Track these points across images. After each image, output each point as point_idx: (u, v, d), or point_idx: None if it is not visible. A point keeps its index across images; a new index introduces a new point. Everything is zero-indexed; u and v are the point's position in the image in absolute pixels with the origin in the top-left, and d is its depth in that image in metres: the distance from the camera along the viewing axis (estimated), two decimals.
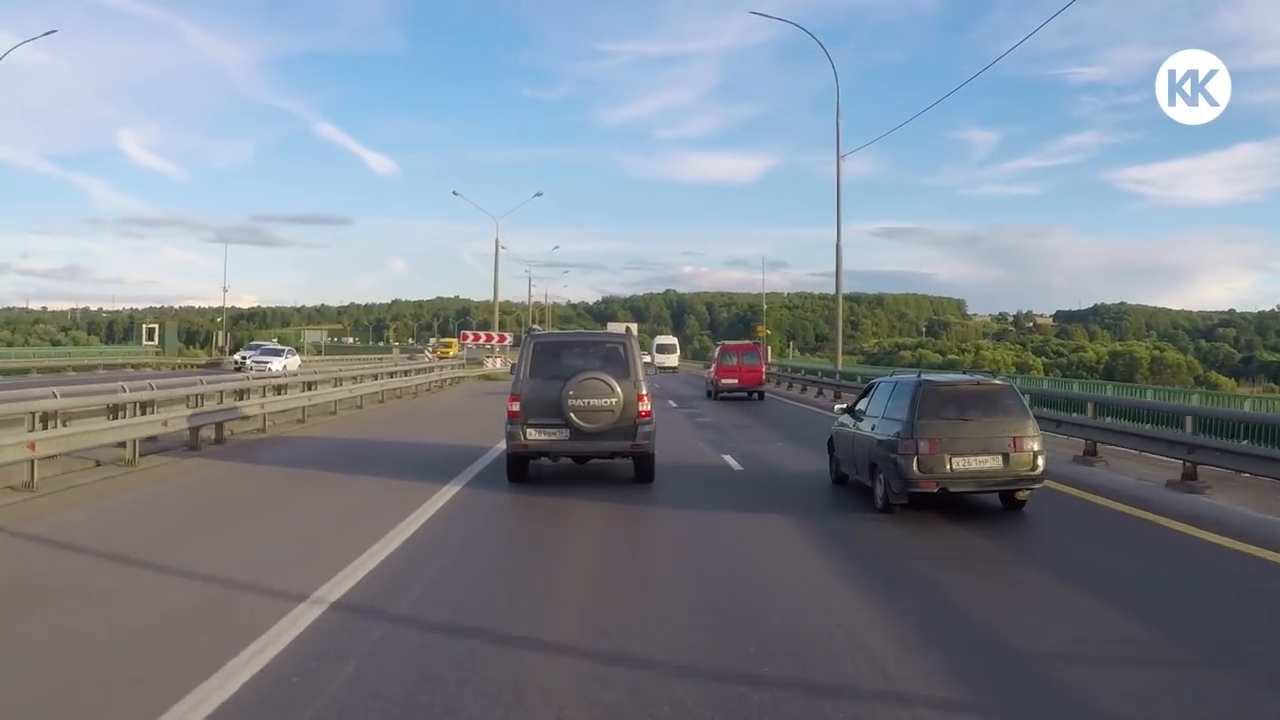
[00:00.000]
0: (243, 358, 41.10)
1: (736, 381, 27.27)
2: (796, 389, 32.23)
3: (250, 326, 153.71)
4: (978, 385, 9.17)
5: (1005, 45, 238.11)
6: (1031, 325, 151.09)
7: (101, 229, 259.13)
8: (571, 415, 9.97)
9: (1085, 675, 4.44)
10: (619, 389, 10.05)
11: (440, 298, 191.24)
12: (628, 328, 24.39)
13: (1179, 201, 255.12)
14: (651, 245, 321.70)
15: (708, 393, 28.57)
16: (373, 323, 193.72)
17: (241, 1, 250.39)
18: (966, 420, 8.62)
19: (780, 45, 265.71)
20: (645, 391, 10.35)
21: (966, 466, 8.46)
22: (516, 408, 10.19)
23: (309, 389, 18.89)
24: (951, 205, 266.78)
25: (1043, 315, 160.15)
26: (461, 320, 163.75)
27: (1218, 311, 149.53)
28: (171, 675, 4.22)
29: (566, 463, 10.94)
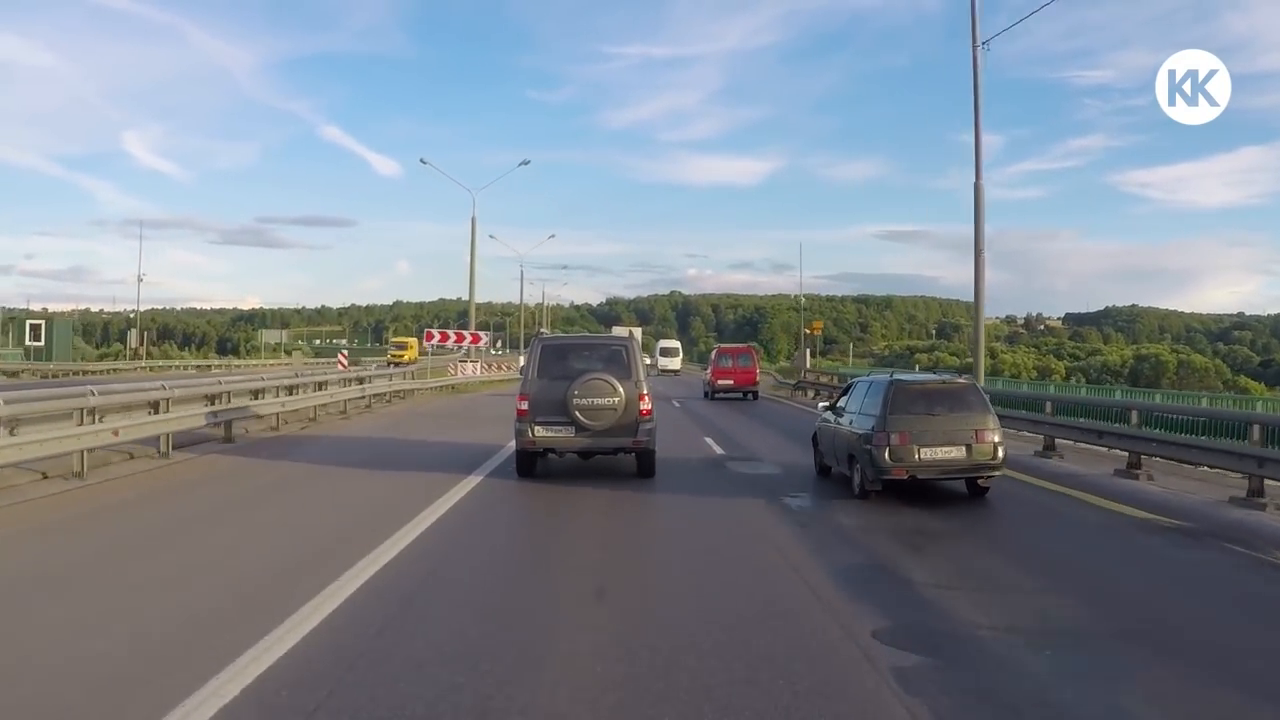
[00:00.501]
0: None
1: (732, 382, 29.31)
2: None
3: (247, 328, 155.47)
4: (944, 384, 10.39)
5: (1009, 48, 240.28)
6: (1043, 328, 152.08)
7: (106, 230, 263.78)
8: (577, 414, 10.83)
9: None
10: (621, 389, 10.90)
11: (443, 299, 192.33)
12: (631, 332, 25.64)
13: (1183, 205, 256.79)
14: (655, 248, 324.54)
15: (705, 393, 30.32)
16: (372, 324, 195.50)
17: (246, 4, 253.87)
18: (933, 415, 9.80)
19: (785, 48, 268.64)
20: (646, 391, 11.20)
21: (933, 456, 9.64)
22: (525, 406, 11.06)
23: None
24: (957, 208, 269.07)
25: (1052, 318, 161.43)
26: (461, 321, 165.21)
27: (1228, 314, 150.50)
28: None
29: (571, 458, 11.83)
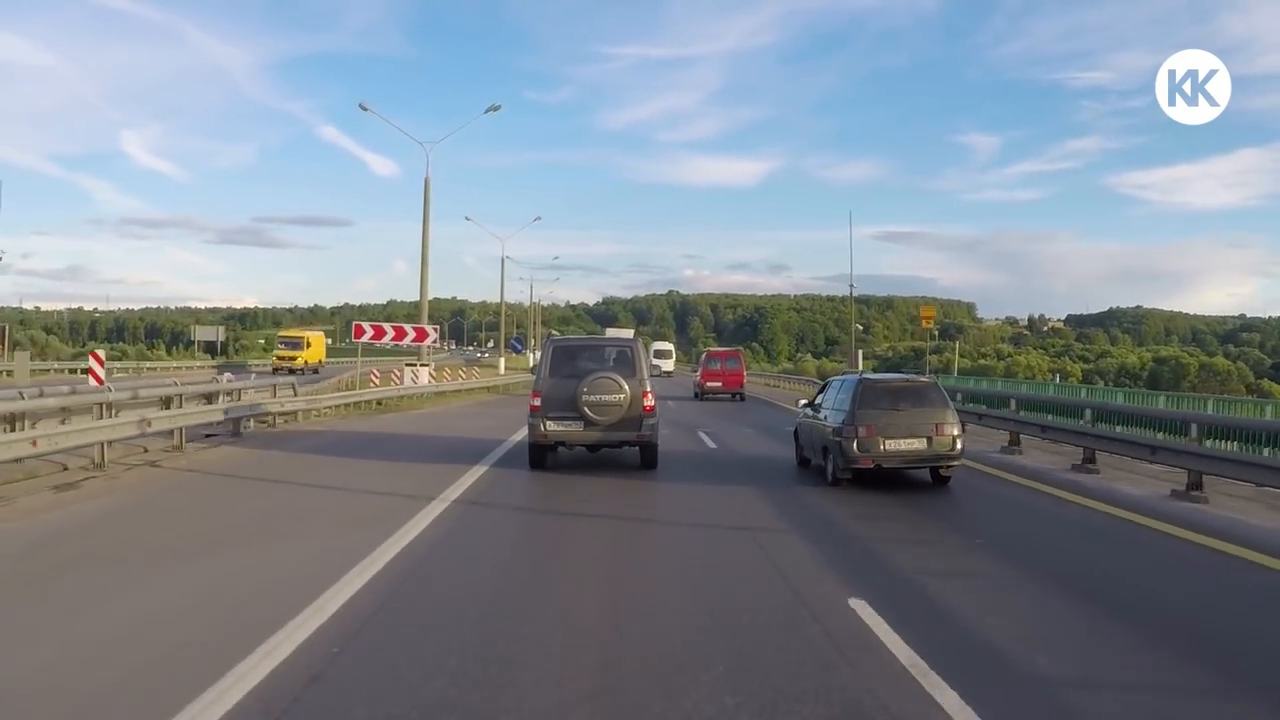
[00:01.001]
0: None
1: (720, 384, 31.75)
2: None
3: (238, 327, 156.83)
4: (908, 382, 11.90)
5: (1006, 49, 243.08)
6: (1048, 329, 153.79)
7: (103, 230, 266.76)
8: (585, 409, 11.95)
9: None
10: (627, 387, 12.01)
11: (438, 298, 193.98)
12: (635, 333, 27.29)
13: (1181, 207, 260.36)
14: (653, 248, 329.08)
15: (695, 394, 32.48)
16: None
17: (245, 4, 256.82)
18: (898, 410, 11.25)
19: (783, 49, 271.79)
20: (650, 389, 12.37)
21: (897, 447, 11.08)
22: (538, 403, 12.24)
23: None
24: (954, 210, 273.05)
25: (1054, 319, 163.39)
26: (454, 320, 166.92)
27: (1230, 316, 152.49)
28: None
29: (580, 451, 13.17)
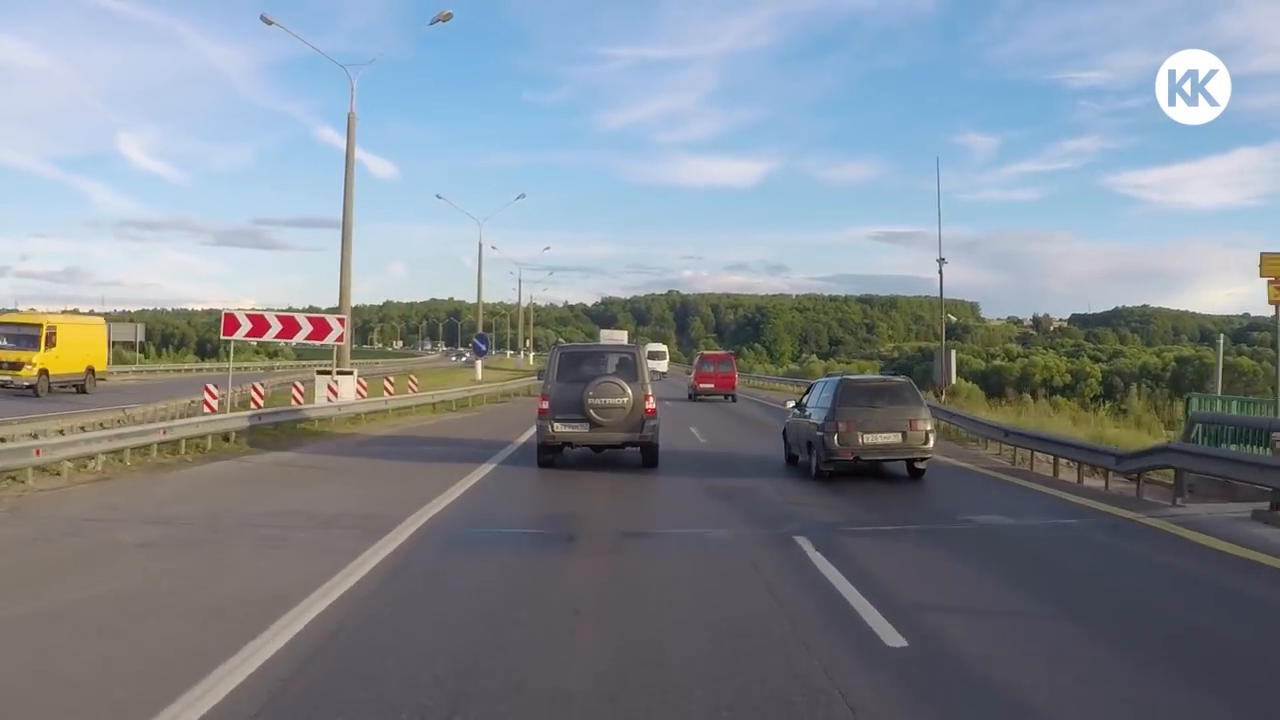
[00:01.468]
0: None
1: (713, 386, 33.74)
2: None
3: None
4: (884, 381, 13.21)
5: (1003, 50, 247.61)
6: (1055, 328, 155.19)
7: (101, 231, 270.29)
8: (591, 411, 12.94)
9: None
10: (630, 390, 13.03)
11: (434, 299, 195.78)
12: (635, 336, 28.70)
13: (1179, 206, 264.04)
14: (651, 249, 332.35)
15: (689, 395, 34.29)
16: (359, 325, 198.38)
17: (241, 5, 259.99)
18: (875, 407, 12.54)
19: (780, 49, 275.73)
20: (651, 393, 13.46)
21: (874, 441, 12.36)
22: (546, 406, 13.28)
23: None
24: (951, 210, 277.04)
25: (1059, 319, 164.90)
26: (449, 322, 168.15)
27: (1235, 315, 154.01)
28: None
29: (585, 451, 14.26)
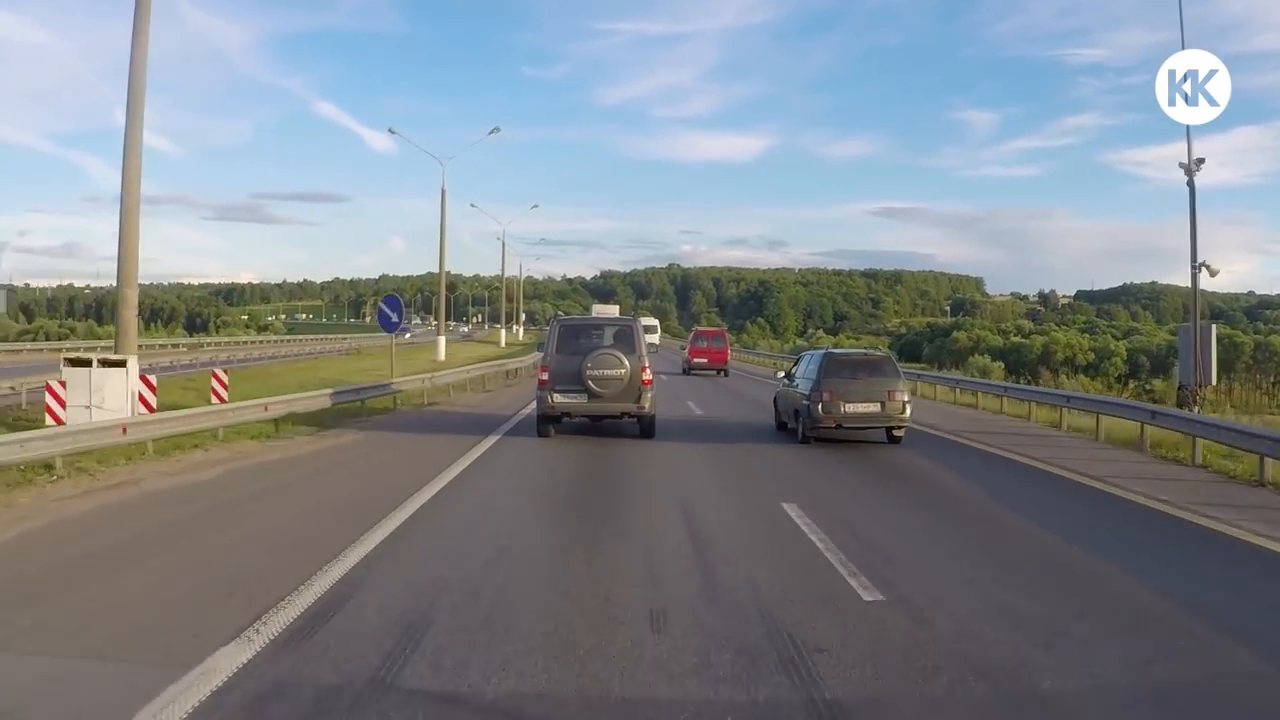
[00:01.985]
0: None
1: (706, 361, 36.20)
2: None
3: (217, 303, 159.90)
4: (866, 355, 14.80)
5: (1003, 26, 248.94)
6: (1063, 304, 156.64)
7: (99, 206, 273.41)
8: (589, 382, 13.93)
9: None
10: (627, 362, 14.02)
11: (430, 273, 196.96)
12: (634, 310, 29.87)
13: (1178, 184, 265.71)
14: (650, 225, 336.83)
15: (683, 369, 36.52)
16: (353, 299, 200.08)
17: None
18: (856, 379, 14.14)
19: (779, 25, 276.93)
20: (648, 364, 14.43)
21: (855, 410, 13.98)
22: (546, 377, 14.25)
23: None
24: (951, 186, 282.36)
25: (1065, 295, 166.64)
26: (446, 294, 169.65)
27: (1241, 294, 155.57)
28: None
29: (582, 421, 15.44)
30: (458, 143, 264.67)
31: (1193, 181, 18.10)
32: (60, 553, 6.74)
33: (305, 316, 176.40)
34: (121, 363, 13.47)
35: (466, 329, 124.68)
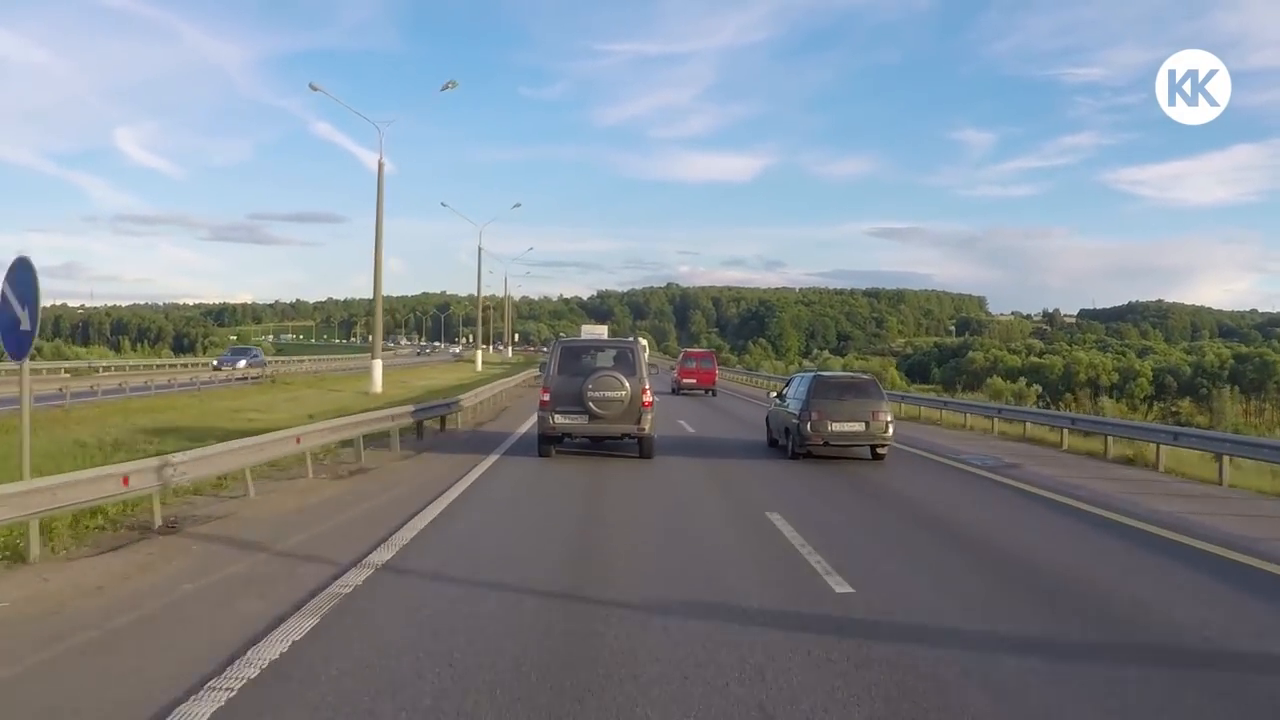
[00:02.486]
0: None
1: (695, 381, 38.86)
2: None
3: (209, 324, 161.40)
4: (852, 378, 16.18)
5: (1000, 46, 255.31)
6: (1068, 323, 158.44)
7: (98, 226, 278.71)
8: (590, 404, 14.44)
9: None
10: (628, 384, 14.48)
11: (425, 293, 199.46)
12: (633, 331, 31.02)
13: (1176, 203, 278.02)
14: (648, 245, 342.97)
15: (673, 389, 38.60)
16: (343, 319, 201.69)
17: (239, 1, 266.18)
18: (843, 400, 15.48)
19: (777, 45, 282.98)
20: (648, 386, 14.89)
21: (842, 429, 15.31)
22: (547, 398, 14.73)
23: None
24: (949, 206, 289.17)
25: (1067, 314, 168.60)
26: (436, 315, 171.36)
27: (1244, 311, 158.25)
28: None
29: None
30: (455, 161, 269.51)
31: None
32: None
33: (292, 337, 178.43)
34: None
35: (458, 349, 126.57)
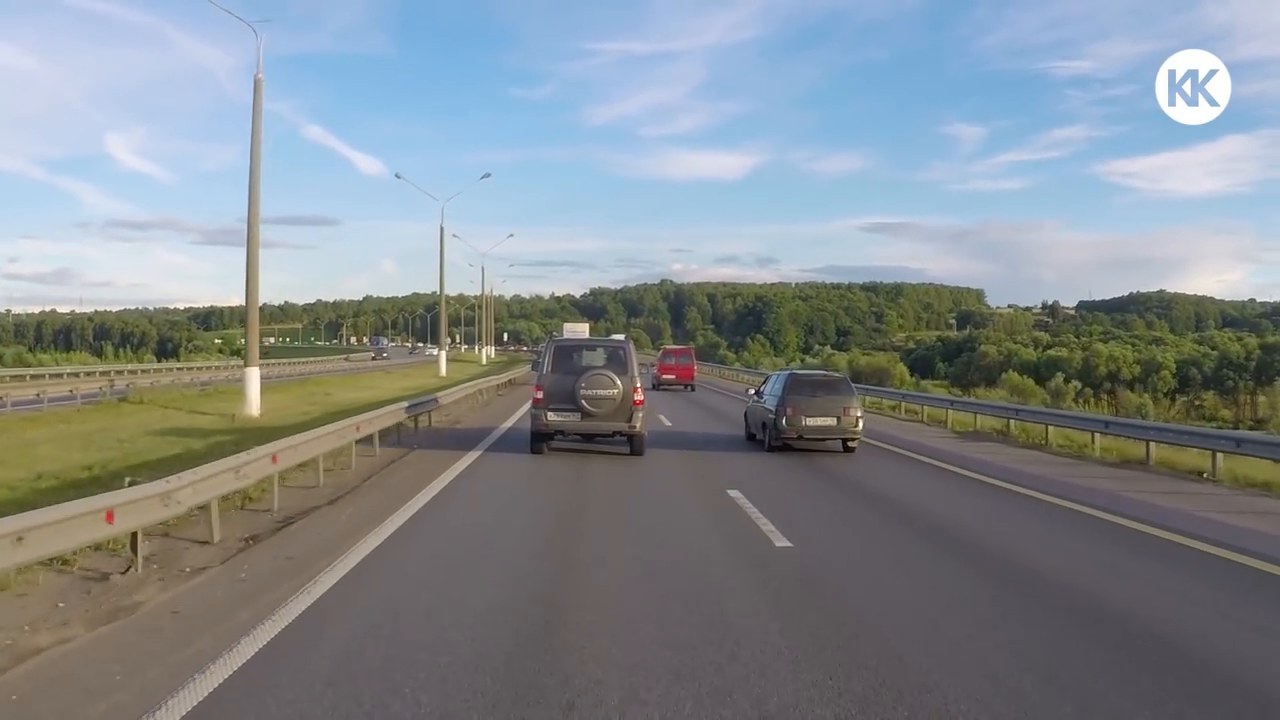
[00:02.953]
0: None
1: (674, 377, 42.64)
2: None
3: (193, 328, 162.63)
4: (825, 376, 17.71)
5: (989, 40, 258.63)
6: (1076, 316, 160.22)
7: (90, 233, 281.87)
8: (583, 401, 15.08)
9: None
10: (619, 382, 15.17)
11: (416, 293, 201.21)
12: (624, 332, 32.51)
13: (1168, 194, 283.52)
14: (641, 244, 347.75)
15: (653, 385, 40.60)
16: (330, 320, 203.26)
17: (227, 5, 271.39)
18: (816, 396, 16.99)
19: (766, 42, 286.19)
20: (639, 385, 15.57)
21: (815, 423, 16.81)
22: (540, 395, 15.42)
23: None
24: (940, 200, 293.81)
25: (1067, 307, 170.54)
26: (423, 315, 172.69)
27: (1243, 301, 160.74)
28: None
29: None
30: (447, 166, 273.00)
31: None
32: None
33: (273, 340, 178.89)
34: None
35: (437, 350, 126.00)
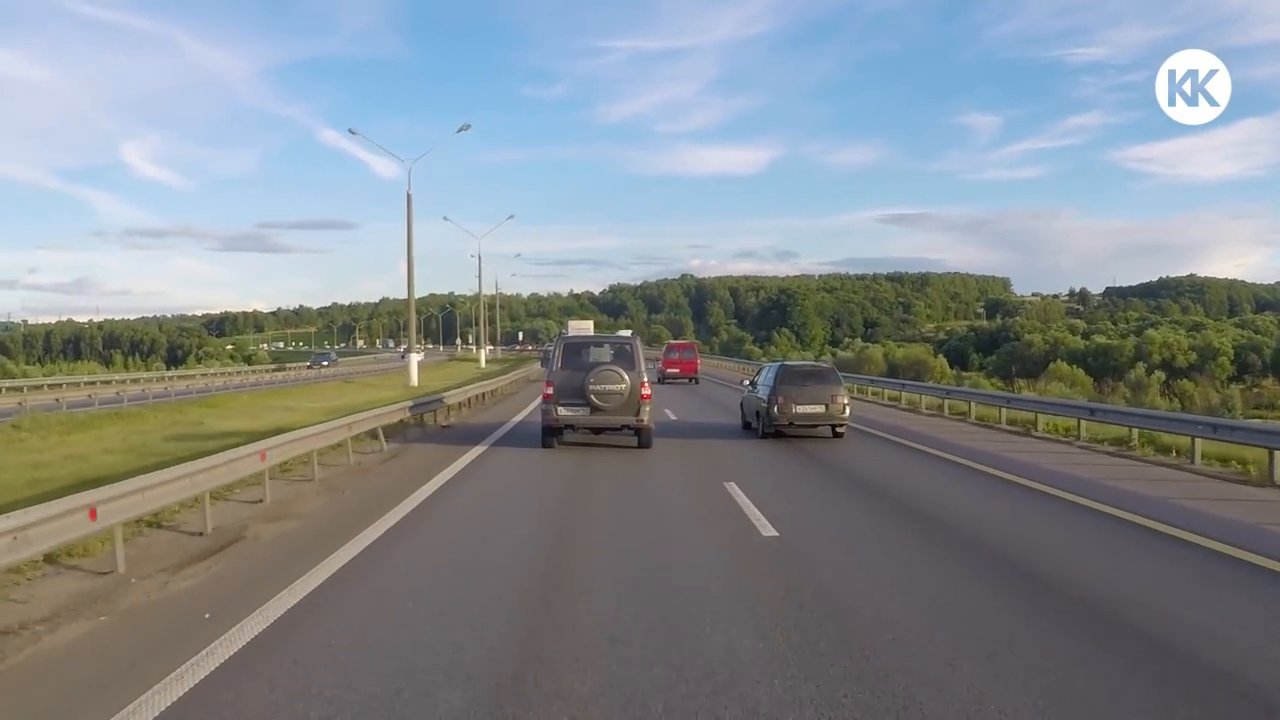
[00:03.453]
0: None
1: (678, 371, 45.86)
2: None
3: (204, 334, 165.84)
4: (814, 366, 19.32)
5: (1002, 29, 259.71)
6: (1107, 302, 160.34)
7: (107, 241, 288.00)
8: (592, 397, 15.94)
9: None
10: (628, 378, 16.02)
11: (432, 293, 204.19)
12: (633, 331, 33.92)
13: (1185, 179, 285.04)
14: (658, 240, 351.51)
15: (658, 378, 42.98)
16: (344, 323, 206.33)
17: (238, 11, 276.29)
18: (806, 385, 18.60)
19: (777, 36, 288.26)
20: (646, 380, 16.49)
21: (805, 411, 18.41)
22: (551, 391, 16.35)
23: None
24: (957, 190, 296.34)
25: (1095, 293, 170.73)
26: (439, 315, 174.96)
27: (1267, 284, 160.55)
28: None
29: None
30: (457, 161, 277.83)
31: None
32: None
33: (283, 345, 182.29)
34: None
35: (421, 354, 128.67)
